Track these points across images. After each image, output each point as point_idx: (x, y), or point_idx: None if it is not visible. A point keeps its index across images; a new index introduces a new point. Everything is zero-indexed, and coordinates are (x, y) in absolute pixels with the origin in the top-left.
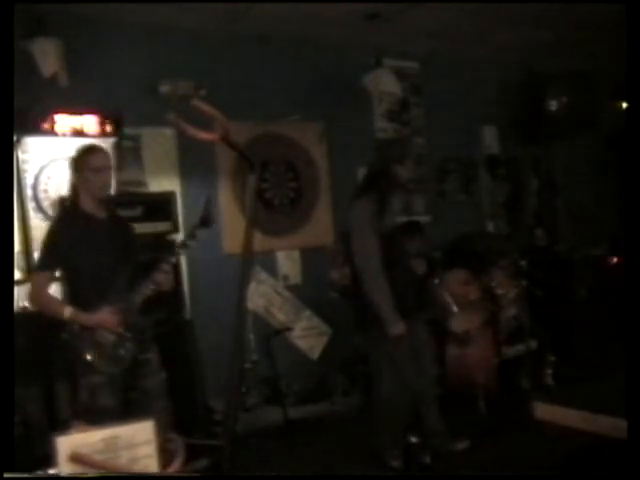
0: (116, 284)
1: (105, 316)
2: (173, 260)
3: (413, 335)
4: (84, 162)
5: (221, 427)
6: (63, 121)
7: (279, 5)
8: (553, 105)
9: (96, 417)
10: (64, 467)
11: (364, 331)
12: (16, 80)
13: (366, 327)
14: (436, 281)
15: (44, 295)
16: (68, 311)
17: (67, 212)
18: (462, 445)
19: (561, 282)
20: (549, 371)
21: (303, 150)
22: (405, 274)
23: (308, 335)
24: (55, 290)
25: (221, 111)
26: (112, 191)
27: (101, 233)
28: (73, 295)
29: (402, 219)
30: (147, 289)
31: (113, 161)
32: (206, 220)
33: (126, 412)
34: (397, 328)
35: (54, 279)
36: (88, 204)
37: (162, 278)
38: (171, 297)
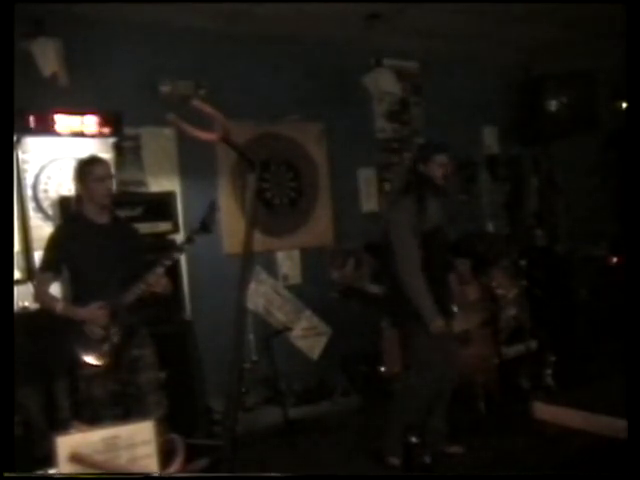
0: (111, 283)
1: (93, 311)
2: (167, 263)
3: (448, 333)
4: (86, 173)
5: (221, 427)
6: (63, 121)
7: (279, 5)
8: (553, 105)
9: (89, 408)
10: (64, 467)
11: (400, 326)
12: (16, 80)
13: (402, 322)
14: None
15: (43, 292)
16: (60, 305)
17: (70, 218)
18: (455, 449)
19: (561, 282)
20: (549, 371)
21: (303, 150)
22: (444, 273)
23: (308, 335)
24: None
25: (221, 111)
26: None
27: (101, 237)
28: (74, 293)
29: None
30: (138, 289)
31: (113, 169)
32: (207, 225)
33: (119, 405)
34: (437, 324)
35: (54, 279)
36: (90, 211)
37: (153, 280)
38: (166, 297)
